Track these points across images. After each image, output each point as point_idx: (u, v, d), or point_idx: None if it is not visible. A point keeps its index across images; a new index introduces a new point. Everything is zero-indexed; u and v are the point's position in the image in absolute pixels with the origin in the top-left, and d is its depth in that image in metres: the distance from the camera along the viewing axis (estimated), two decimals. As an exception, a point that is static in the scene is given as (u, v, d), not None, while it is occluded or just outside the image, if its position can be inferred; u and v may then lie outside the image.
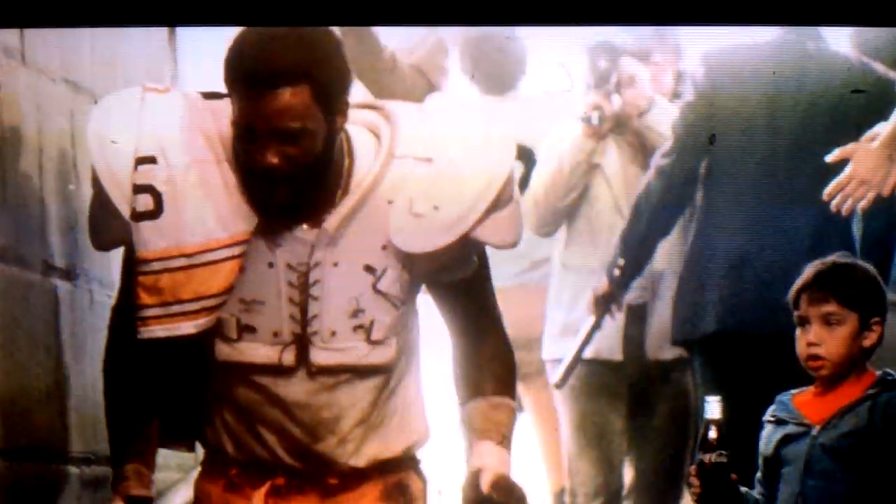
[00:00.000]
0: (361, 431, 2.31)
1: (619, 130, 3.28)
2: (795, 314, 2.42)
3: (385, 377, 2.32)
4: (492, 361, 2.36)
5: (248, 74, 2.18)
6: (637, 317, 3.23)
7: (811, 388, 2.43)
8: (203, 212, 2.24)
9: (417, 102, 2.59)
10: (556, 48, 3.05)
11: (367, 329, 2.28)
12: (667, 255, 3.19)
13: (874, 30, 2.88)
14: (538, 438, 3.43)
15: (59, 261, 2.78)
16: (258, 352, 2.28)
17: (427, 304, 2.38)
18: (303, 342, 2.27)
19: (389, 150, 2.28)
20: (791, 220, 2.96)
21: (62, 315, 2.78)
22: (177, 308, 2.24)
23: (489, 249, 2.36)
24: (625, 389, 3.27)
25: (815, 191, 2.84)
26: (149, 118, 2.27)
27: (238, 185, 2.24)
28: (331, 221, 2.25)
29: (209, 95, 2.30)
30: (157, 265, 2.24)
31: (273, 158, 2.18)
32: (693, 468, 2.38)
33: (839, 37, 3.01)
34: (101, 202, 2.27)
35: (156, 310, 2.24)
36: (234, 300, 2.27)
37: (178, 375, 2.31)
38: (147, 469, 2.32)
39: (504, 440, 2.33)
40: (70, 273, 2.82)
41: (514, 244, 2.35)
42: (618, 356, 3.24)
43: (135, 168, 2.24)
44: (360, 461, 2.32)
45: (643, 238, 3.15)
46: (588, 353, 3.21)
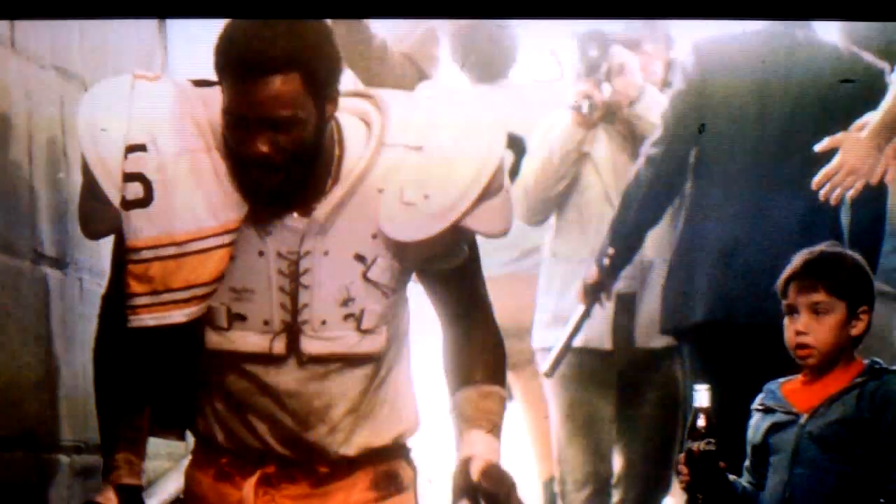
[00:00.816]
0: (352, 420, 2.31)
1: (609, 119, 3.28)
2: (784, 303, 2.43)
3: (375, 366, 2.32)
4: (482, 350, 2.37)
5: (239, 62, 2.17)
6: (626, 306, 3.24)
7: (799, 377, 2.44)
8: (193, 200, 2.23)
9: (408, 91, 2.58)
10: (547, 37, 3.05)
11: (358, 318, 2.28)
12: (656, 244, 3.20)
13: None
14: (528, 427, 3.44)
15: (49, 249, 2.77)
16: (248, 340, 2.28)
17: (417, 293, 2.39)
18: (293, 331, 2.27)
19: (380, 139, 2.28)
20: (780, 209, 2.97)
21: (52, 304, 2.77)
22: (167, 296, 2.24)
23: (479, 238, 2.36)
24: (614, 378, 3.28)
25: (804, 180, 2.84)
26: (139, 106, 2.26)
27: (228, 174, 2.24)
28: (321, 210, 2.25)
29: (199, 83, 2.29)
30: (148, 253, 2.23)
31: (263, 147, 2.18)
32: (681, 456, 2.38)
33: (828, 26, 3.01)
34: (91, 190, 2.27)
35: (146, 298, 2.24)
36: (225, 289, 2.27)
37: (169, 364, 2.31)
38: (137, 458, 2.32)
39: (494, 429, 2.34)
40: (60, 261, 2.81)
41: (505, 233, 2.35)
42: (607, 345, 3.25)
43: (125, 156, 2.24)
44: (351, 450, 2.32)
45: (633, 227, 3.16)
46: (578, 342, 3.22)
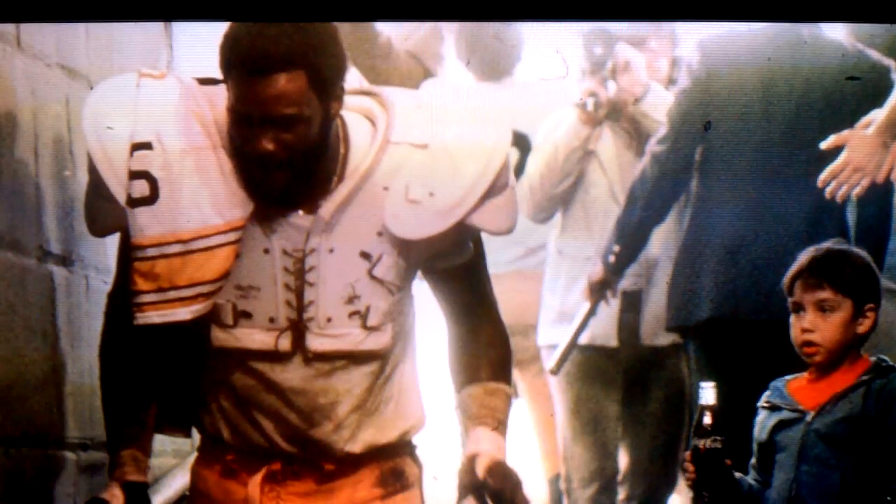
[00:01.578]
0: (357, 417, 2.31)
1: (615, 117, 3.28)
2: (790, 300, 2.43)
3: (381, 363, 2.32)
4: (487, 347, 2.37)
5: (244, 60, 2.17)
6: (632, 303, 3.23)
7: (805, 375, 2.44)
8: (199, 198, 2.24)
9: (413, 89, 2.58)
10: (552, 35, 3.05)
11: (363, 315, 2.28)
12: (662, 242, 3.19)
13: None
14: (533, 424, 3.44)
15: (56, 247, 2.78)
16: (254, 338, 2.28)
17: (423, 291, 2.39)
18: (299, 328, 2.28)
19: (385, 137, 2.28)
20: (786, 207, 2.97)
21: (58, 301, 2.78)
22: (173, 294, 2.24)
23: (485, 236, 2.36)
24: (620, 375, 3.28)
25: (810, 177, 2.84)
26: (144, 104, 2.27)
27: (234, 172, 2.24)
28: (326, 208, 2.25)
29: (205, 81, 2.30)
30: (153, 251, 2.24)
31: (269, 145, 2.18)
32: (687, 454, 2.38)
33: (834, 24, 3.01)
34: (97, 188, 2.27)
35: (152, 296, 2.25)
36: (230, 286, 2.27)
37: (175, 361, 2.31)
38: (143, 455, 2.32)
39: (500, 426, 2.34)
40: (66, 259, 2.82)
41: (510, 230, 2.35)
42: (613, 342, 3.25)
43: (130, 154, 2.24)
44: (356, 447, 2.32)
45: (638, 224, 3.15)
46: (583, 340, 3.22)
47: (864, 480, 2.33)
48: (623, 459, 3.31)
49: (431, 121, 2.31)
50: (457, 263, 2.35)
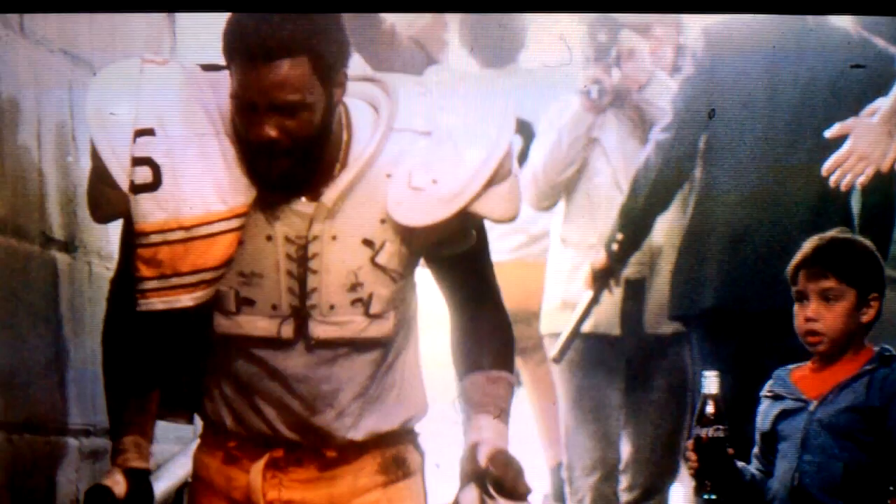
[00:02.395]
0: (359, 405, 2.32)
1: (619, 104, 3.27)
2: (794, 289, 2.43)
3: (383, 351, 2.32)
4: (490, 335, 2.37)
5: (247, 47, 2.17)
6: (635, 291, 3.23)
7: (809, 364, 2.43)
8: (202, 184, 2.23)
9: (416, 75, 2.58)
10: (556, 22, 3.04)
11: (366, 303, 2.28)
12: (665, 230, 3.19)
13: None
14: (536, 412, 3.44)
15: (58, 233, 2.78)
16: (257, 325, 2.28)
17: (426, 278, 2.38)
18: (301, 315, 2.27)
19: (388, 124, 2.28)
20: (790, 196, 2.96)
21: (61, 287, 2.78)
22: (175, 280, 2.24)
23: (488, 223, 2.36)
24: (622, 364, 3.28)
25: (814, 166, 2.83)
26: (147, 90, 2.27)
27: (237, 158, 2.24)
28: (329, 195, 2.25)
29: (208, 68, 2.29)
30: (156, 237, 2.24)
31: (272, 131, 2.18)
32: (690, 443, 2.38)
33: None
34: (100, 174, 2.27)
35: (154, 282, 2.25)
36: (233, 273, 2.27)
37: (177, 348, 2.32)
38: (146, 441, 2.33)
39: (502, 414, 2.34)
40: (69, 245, 2.81)
41: (513, 218, 2.35)
42: (616, 331, 3.24)
43: (133, 140, 2.24)
44: (358, 434, 2.33)
45: (642, 213, 3.15)
46: (586, 328, 3.21)
47: (867, 470, 2.33)
48: (625, 448, 3.31)
49: (435, 108, 2.31)
50: (459, 251, 2.35)
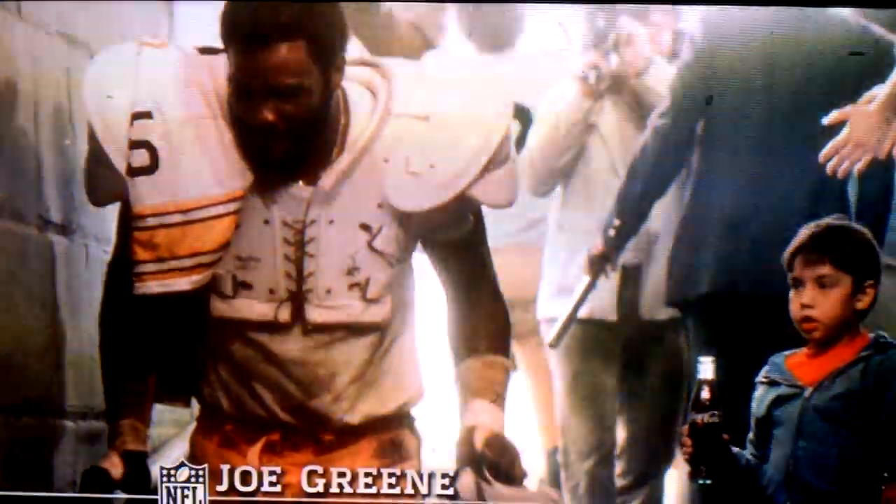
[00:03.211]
0: (356, 389, 2.32)
1: (617, 90, 3.26)
2: (789, 276, 2.43)
3: (380, 335, 2.32)
4: (486, 320, 2.37)
5: (244, 30, 2.17)
6: (632, 277, 3.23)
7: (804, 350, 2.44)
8: (199, 168, 2.23)
9: (414, 60, 2.57)
10: (554, 7, 3.03)
11: (363, 287, 2.29)
12: (662, 216, 3.18)
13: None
14: (532, 397, 3.44)
15: (55, 215, 2.77)
16: (254, 308, 2.29)
17: (423, 263, 2.39)
18: (298, 299, 2.28)
19: (386, 108, 2.27)
20: (786, 182, 2.96)
21: (58, 270, 2.77)
22: (173, 264, 2.24)
23: (485, 209, 2.36)
24: (618, 349, 3.27)
25: (812, 152, 2.83)
26: (145, 73, 2.26)
27: (234, 142, 2.24)
28: (327, 179, 2.25)
29: (205, 50, 2.29)
30: (153, 221, 2.24)
31: (269, 115, 2.18)
32: (685, 428, 2.39)
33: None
34: (97, 157, 2.27)
35: (152, 265, 2.25)
36: (230, 257, 2.27)
37: (174, 331, 2.32)
38: (143, 424, 2.33)
39: (498, 398, 2.34)
40: (66, 228, 2.81)
41: (510, 203, 2.36)
42: (612, 316, 3.24)
43: (131, 123, 2.24)
44: (355, 418, 2.33)
45: (639, 198, 3.15)
46: (583, 313, 3.21)
47: (862, 457, 2.34)
48: (621, 433, 3.31)
49: (433, 93, 2.31)
50: (457, 236, 2.35)
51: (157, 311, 2.27)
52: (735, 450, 2.42)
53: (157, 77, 2.26)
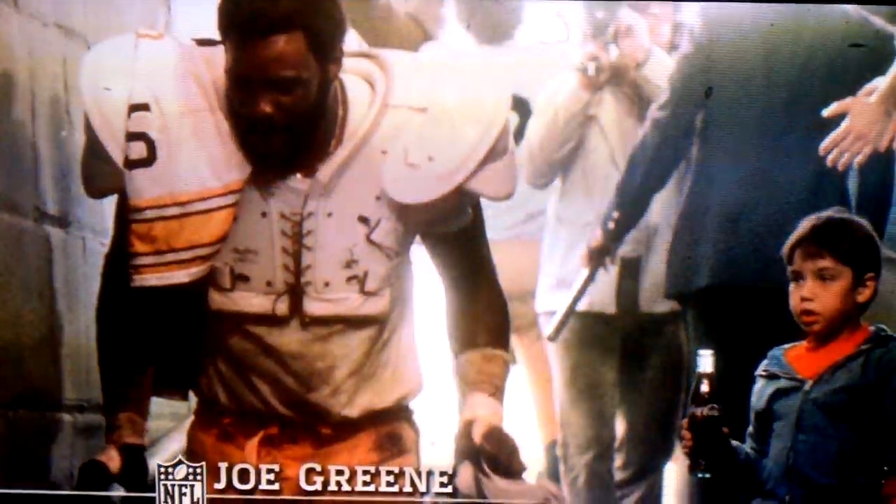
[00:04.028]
0: (354, 382, 2.32)
1: (616, 81, 3.26)
2: (789, 269, 2.42)
3: (378, 328, 2.32)
4: (485, 313, 2.37)
5: (242, 22, 2.16)
6: (631, 270, 3.22)
7: (804, 343, 2.43)
8: (196, 160, 2.23)
9: (412, 52, 2.56)
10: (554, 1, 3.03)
11: (361, 280, 2.28)
12: (661, 209, 3.18)
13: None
14: (531, 390, 3.44)
15: (52, 208, 2.77)
16: (252, 301, 2.28)
17: (421, 256, 2.38)
18: (296, 292, 2.27)
19: (384, 100, 2.27)
20: (787, 175, 2.95)
21: (55, 262, 2.77)
22: (171, 256, 2.24)
23: (483, 201, 2.36)
24: (618, 342, 3.27)
25: (812, 145, 2.83)
26: (142, 65, 2.25)
27: (231, 134, 2.23)
28: (324, 171, 2.24)
29: (203, 42, 2.28)
30: (151, 213, 2.23)
31: (267, 107, 2.17)
32: (685, 421, 2.38)
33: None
34: (94, 149, 2.26)
35: (149, 258, 2.24)
36: (228, 249, 2.26)
37: (172, 324, 2.31)
38: (140, 417, 2.33)
39: (497, 392, 2.34)
40: (63, 220, 2.81)
41: (509, 196, 2.35)
42: (611, 309, 3.24)
43: (128, 115, 2.23)
44: (353, 411, 2.33)
45: (638, 191, 3.14)
46: (581, 306, 3.21)
47: (862, 450, 2.33)
48: (620, 426, 3.31)
49: (431, 84, 2.30)
50: (455, 228, 2.35)
51: (155, 304, 2.27)
52: (734, 443, 2.41)
53: (155, 69, 2.25)
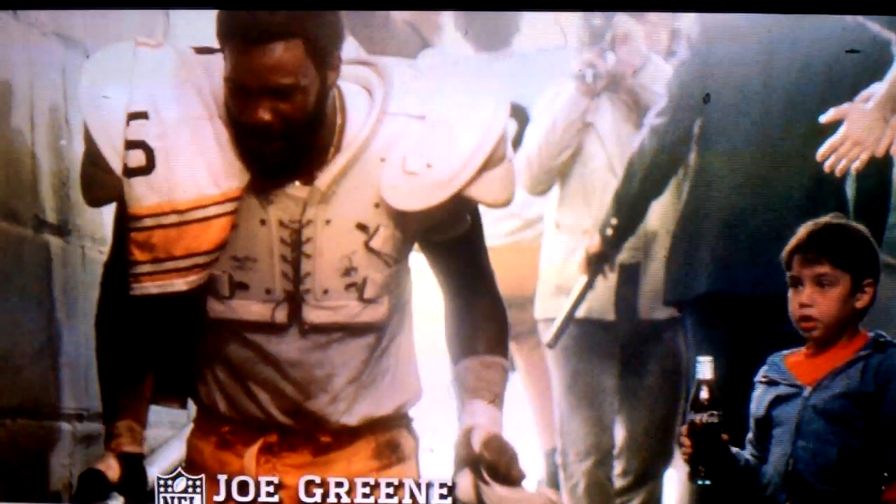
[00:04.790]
0: (353, 389, 2.31)
1: (613, 88, 3.26)
2: (788, 275, 2.42)
3: (377, 336, 2.32)
4: (484, 320, 2.37)
5: (241, 29, 2.16)
6: (629, 276, 3.22)
7: (803, 350, 2.43)
8: (195, 168, 2.23)
9: (410, 59, 2.57)
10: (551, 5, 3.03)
11: (360, 287, 2.28)
12: (660, 215, 3.18)
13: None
14: (530, 397, 3.44)
15: (51, 216, 2.77)
16: (251, 309, 2.28)
17: (420, 263, 2.38)
18: (295, 300, 2.27)
19: (382, 107, 2.27)
20: (784, 181, 2.95)
21: (54, 271, 2.77)
22: (169, 264, 2.24)
23: (482, 208, 2.36)
24: (617, 349, 3.27)
25: (809, 151, 2.83)
26: (141, 73, 2.26)
27: (230, 142, 2.23)
28: (323, 179, 2.24)
29: (201, 50, 2.29)
30: (150, 221, 2.23)
31: (265, 115, 2.17)
32: (684, 428, 2.38)
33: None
34: (93, 158, 2.26)
35: (148, 266, 2.24)
36: (227, 257, 2.26)
37: (171, 332, 2.31)
38: (139, 426, 2.33)
39: (496, 399, 2.34)
40: (62, 229, 2.81)
41: (507, 203, 2.35)
42: (610, 316, 3.24)
43: (127, 123, 2.23)
44: (352, 419, 2.33)
45: (636, 197, 3.14)
46: (580, 313, 3.21)
47: (861, 456, 2.33)
48: (619, 433, 3.31)
49: (429, 92, 2.30)
50: (454, 235, 2.35)
51: (154, 312, 2.27)
52: (734, 450, 2.41)
53: (154, 77, 2.26)
